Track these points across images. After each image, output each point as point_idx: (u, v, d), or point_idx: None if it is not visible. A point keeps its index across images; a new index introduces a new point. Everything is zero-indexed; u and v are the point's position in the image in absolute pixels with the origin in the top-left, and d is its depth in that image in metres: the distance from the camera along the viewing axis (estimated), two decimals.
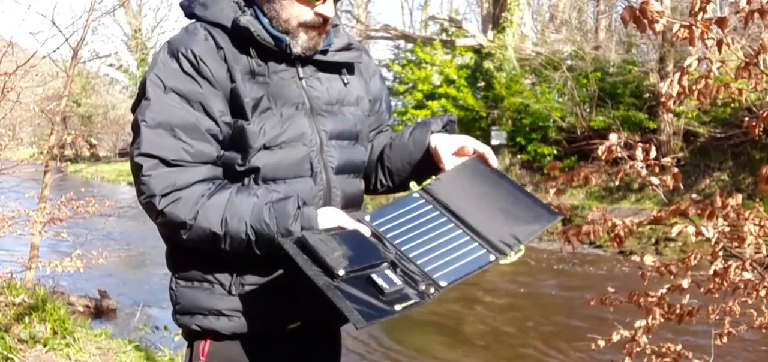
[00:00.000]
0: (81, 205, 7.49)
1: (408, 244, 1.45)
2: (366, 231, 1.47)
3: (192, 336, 1.65)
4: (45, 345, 4.67)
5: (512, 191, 1.55)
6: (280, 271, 1.55)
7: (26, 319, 4.89)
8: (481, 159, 1.62)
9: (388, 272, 1.36)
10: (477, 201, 1.53)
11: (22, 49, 8.33)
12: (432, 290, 1.35)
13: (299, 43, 1.57)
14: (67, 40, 6.66)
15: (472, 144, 1.64)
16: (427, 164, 1.69)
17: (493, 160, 1.62)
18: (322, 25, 1.57)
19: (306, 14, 1.55)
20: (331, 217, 1.48)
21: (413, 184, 1.61)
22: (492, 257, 1.42)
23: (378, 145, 1.82)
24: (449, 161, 1.64)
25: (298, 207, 1.45)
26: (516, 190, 1.55)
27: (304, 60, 1.62)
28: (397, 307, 1.29)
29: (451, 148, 1.65)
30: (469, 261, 1.41)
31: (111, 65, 31.70)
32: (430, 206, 1.54)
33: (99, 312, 7.58)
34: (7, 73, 6.17)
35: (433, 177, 1.62)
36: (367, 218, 1.52)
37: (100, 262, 7.11)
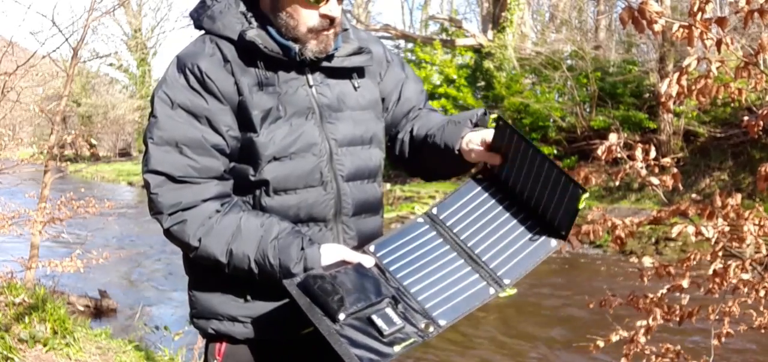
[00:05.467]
0: (81, 205, 7.48)
1: (411, 278, 1.46)
2: (369, 262, 1.49)
3: (208, 338, 1.67)
4: (45, 345, 4.67)
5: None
6: None
7: (26, 319, 4.89)
8: (489, 169, 1.59)
9: (389, 311, 1.37)
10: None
11: (22, 49, 8.33)
12: (431, 329, 1.37)
13: (310, 48, 1.56)
14: (67, 39, 6.66)
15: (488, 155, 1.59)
16: (461, 164, 1.66)
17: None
18: (329, 27, 1.56)
19: (312, 19, 1.54)
20: (334, 255, 1.49)
21: (417, 208, 1.61)
22: (492, 291, 1.42)
23: (417, 133, 1.77)
24: (478, 156, 1.61)
25: (302, 249, 1.47)
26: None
27: (313, 67, 1.61)
28: (396, 348, 1.31)
29: (478, 143, 1.60)
30: (470, 295, 1.42)
31: (111, 65, 31.80)
32: (434, 233, 1.54)
33: (99, 312, 7.58)
34: (7, 73, 6.17)
35: (440, 196, 1.61)
36: (372, 249, 1.54)
37: (100, 262, 7.10)
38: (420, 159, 1.78)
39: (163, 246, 10.57)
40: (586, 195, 1.41)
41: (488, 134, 1.59)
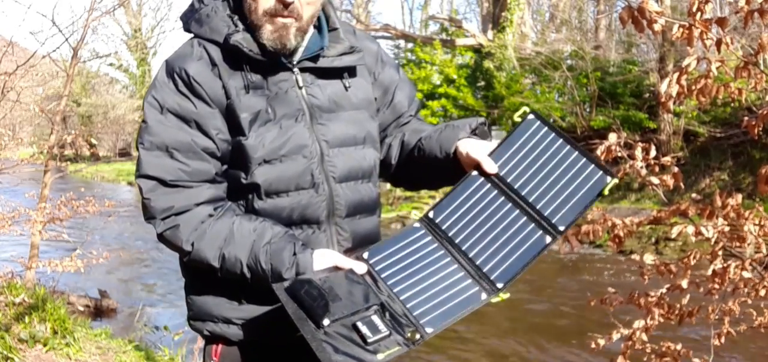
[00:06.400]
0: (81, 205, 7.49)
1: (401, 285, 1.45)
2: (362, 269, 1.48)
3: (206, 340, 1.68)
4: (45, 345, 4.67)
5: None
6: None
7: (26, 319, 4.89)
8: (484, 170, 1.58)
9: (375, 318, 1.36)
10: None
11: (22, 49, 8.33)
12: (417, 336, 1.36)
13: (264, 36, 1.53)
14: (67, 39, 6.66)
15: (484, 158, 1.58)
16: (455, 168, 1.64)
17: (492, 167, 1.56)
18: (284, 15, 1.52)
19: (267, 2, 1.53)
20: (326, 260, 1.48)
21: (414, 213, 1.60)
22: (484, 296, 1.41)
23: (408, 141, 1.77)
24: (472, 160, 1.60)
25: (294, 254, 1.46)
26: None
27: (303, 67, 1.61)
28: (380, 356, 1.29)
29: (469, 156, 1.60)
30: (461, 301, 1.41)
31: (111, 65, 31.83)
32: (430, 238, 1.53)
33: (99, 312, 7.59)
34: (7, 73, 6.17)
35: (436, 198, 1.60)
36: (366, 255, 1.53)
37: (100, 262, 7.10)
38: (408, 165, 1.77)
39: (163, 247, 10.56)
40: (615, 181, 1.44)
41: (482, 146, 1.59)
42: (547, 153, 1.53)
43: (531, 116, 1.60)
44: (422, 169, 1.72)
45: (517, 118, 1.62)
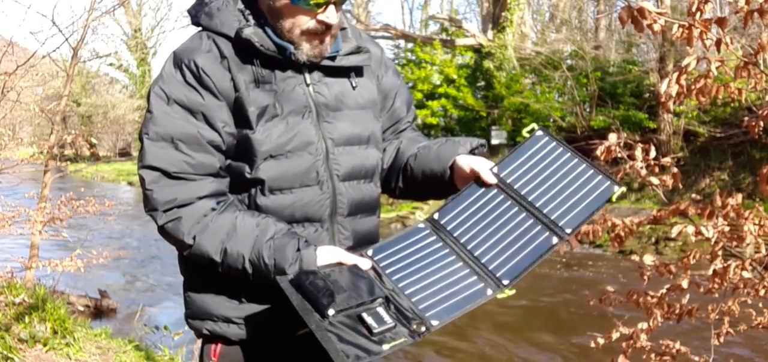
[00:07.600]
0: (81, 205, 7.49)
1: (406, 280, 1.46)
2: (366, 265, 1.48)
3: (204, 339, 1.67)
4: (45, 345, 4.67)
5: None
6: None
7: (26, 319, 4.89)
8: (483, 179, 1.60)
9: (380, 310, 1.36)
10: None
11: (22, 49, 8.34)
12: (423, 329, 1.36)
13: (304, 52, 1.55)
14: (67, 39, 6.68)
15: (485, 170, 1.60)
16: (448, 183, 1.66)
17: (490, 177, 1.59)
18: (324, 33, 1.55)
19: (308, 23, 1.53)
20: (330, 256, 1.48)
21: (418, 215, 1.61)
22: (489, 291, 1.41)
23: (403, 149, 1.79)
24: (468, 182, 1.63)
25: (298, 250, 1.46)
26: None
27: (311, 66, 1.61)
28: (385, 346, 1.30)
29: (472, 169, 1.61)
30: (467, 296, 1.41)
31: (111, 65, 31.87)
32: (434, 238, 1.54)
33: (99, 312, 7.59)
34: (7, 73, 6.18)
35: (443, 202, 1.61)
36: (370, 252, 1.53)
37: (100, 262, 7.11)
38: (402, 173, 1.78)
39: (163, 246, 10.59)
40: (623, 189, 1.48)
41: (484, 161, 1.61)
42: (555, 164, 1.56)
43: (539, 132, 1.63)
44: (415, 178, 1.73)
45: (525, 133, 1.65)
